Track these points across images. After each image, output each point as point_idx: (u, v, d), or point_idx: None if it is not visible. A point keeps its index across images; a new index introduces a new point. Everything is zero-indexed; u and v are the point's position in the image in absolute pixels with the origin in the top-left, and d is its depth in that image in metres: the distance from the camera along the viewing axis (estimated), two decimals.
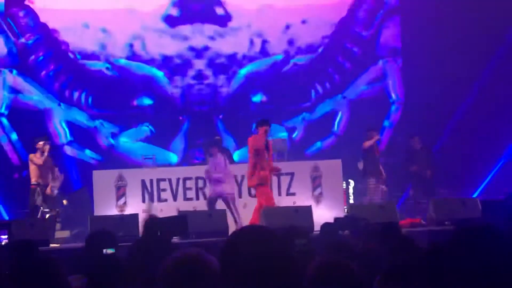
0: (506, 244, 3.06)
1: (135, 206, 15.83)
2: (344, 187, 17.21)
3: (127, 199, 16.02)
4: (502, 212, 13.34)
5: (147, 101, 20.37)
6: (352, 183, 17.82)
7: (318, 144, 20.53)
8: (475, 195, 18.23)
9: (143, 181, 16.18)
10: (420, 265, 3.91)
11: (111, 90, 20.09)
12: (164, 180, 16.29)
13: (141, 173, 16.49)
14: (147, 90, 20.35)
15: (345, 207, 16.20)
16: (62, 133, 19.98)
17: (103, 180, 15.98)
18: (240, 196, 16.21)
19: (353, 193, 17.79)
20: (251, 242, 2.94)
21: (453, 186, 17.98)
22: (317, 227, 12.94)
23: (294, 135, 20.31)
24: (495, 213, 13.50)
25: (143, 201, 16.05)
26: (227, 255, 2.98)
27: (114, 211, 15.74)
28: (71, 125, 20.08)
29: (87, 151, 19.99)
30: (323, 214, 14.99)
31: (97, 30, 20.16)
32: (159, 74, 20.34)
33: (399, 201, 17.51)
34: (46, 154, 15.27)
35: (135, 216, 14.33)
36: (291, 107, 20.46)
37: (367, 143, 16.90)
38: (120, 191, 16.08)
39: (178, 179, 16.24)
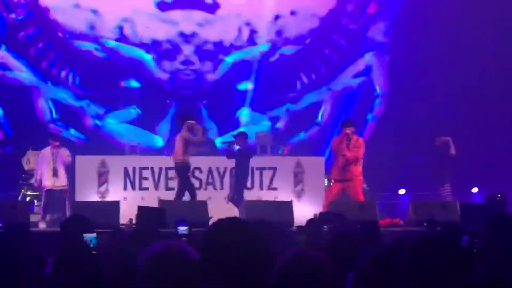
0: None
1: (116, 193, 15.37)
2: (326, 184, 16.73)
3: (108, 185, 15.55)
4: (481, 216, 12.96)
5: (134, 84, 19.84)
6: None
7: (302, 134, 20.04)
8: None
9: (125, 169, 15.70)
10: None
11: (99, 71, 19.52)
12: (146, 168, 15.80)
13: (124, 160, 16.04)
14: (135, 73, 19.80)
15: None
16: (48, 110, 19.41)
17: (85, 166, 15.48)
18: (222, 188, 15.74)
19: None
20: (229, 234, 2.92)
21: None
22: (296, 223, 12.57)
23: (277, 125, 19.80)
24: (474, 217, 13.19)
25: (125, 188, 15.50)
26: (206, 246, 2.94)
27: (95, 197, 15.25)
28: (57, 103, 19.52)
29: (72, 130, 19.41)
30: (304, 209, 14.58)
31: (87, 11, 19.50)
32: (148, 57, 19.77)
33: (382, 199, 17.00)
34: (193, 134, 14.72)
35: (116, 203, 13.90)
36: (276, 96, 19.95)
37: (453, 151, 16.37)
38: (102, 178, 15.59)
39: (160, 168, 15.76)
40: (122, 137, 19.29)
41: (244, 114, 19.96)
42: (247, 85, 20.06)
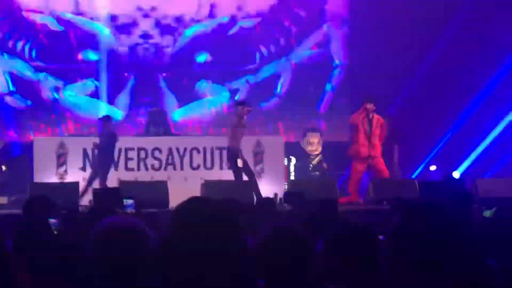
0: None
1: (75, 174, 15.11)
2: (286, 164, 16.66)
3: (67, 167, 15.26)
4: (439, 194, 13.12)
5: (92, 56, 19.41)
6: (293, 160, 17.29)
7: (261, 105, 19.87)
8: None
9: (84, 150, 15.42)
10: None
11: (56, 43, 19.09)
12: None
13: (83, 141, 15.74)
14: (93, 46, 19.38)
15: (286, 183, 15.69)
16: (4, 83, 18.98)
17: (44, 147, 15.21)
18: (182, 168, 15.59)
19: (294, 170, 17.28)
20: (199, 211, 2.89)
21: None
22: None
23: (236, 97, 19.58)
24: (432, 194, 13.34)
25: (84, 169, 15.31)
26: (175, 224, 2.91)
27: (54, 179, 15.03)
28: (14, 76, 19.06)
29: (29, 103, 19.03)
30: (264, 189, 14.49)
31: None
32: (105, 31, 19.35)
33: (341, 178, 16.94)
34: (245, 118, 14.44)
35: (75, 184, 13.80)
36: (235, 68, 19.73)
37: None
38: (61, 159, 15.31)
39: (120, 149, 15.49)
40: (81, 110, 19.02)
41: (203, 86, 19.77)
42: (207, 57, 19.84)
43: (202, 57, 19.79)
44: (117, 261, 3.05)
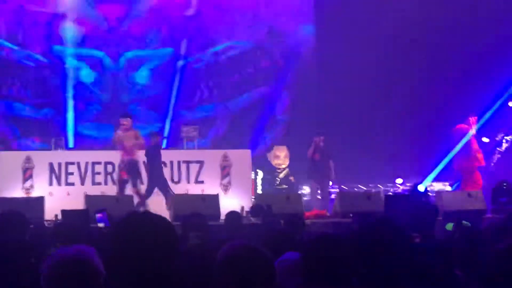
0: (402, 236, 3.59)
1: (41, 188, 14.90)
2: (253, 177, 16.65)
3: (34, 181, 15.04)
4: (404, 207, 13.11)
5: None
6: (260, 173, 17.28)
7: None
8: None
9: (51, 164, 15.21)
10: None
11: (43, 78, 19.08)
12: (72, 163, 15.35)
13: (49, 155, 15.55)
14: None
15: (253, 196, 15.68)
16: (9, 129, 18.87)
17: (9, 161, 14.99)
18: None
19: (261, 183, 17.28)
20: (137, 228, 2.82)
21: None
22: (223, 216, 12.43)
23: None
24: (397, 207, 13.28)
25: (50, 183, 15.14)
26: (115, 240, 2.85)
27: (20, 194, 14.78)
28: (18, 120, 18.93)
29: (35, 144, 18.76)
30: (231, 202, 14.45)
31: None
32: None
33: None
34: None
35: (40, 199, 13.60)
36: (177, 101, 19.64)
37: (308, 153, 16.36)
38: (27, 173, 15.10)
39: (86, 163, 15.34)
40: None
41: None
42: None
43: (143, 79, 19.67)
44: None
